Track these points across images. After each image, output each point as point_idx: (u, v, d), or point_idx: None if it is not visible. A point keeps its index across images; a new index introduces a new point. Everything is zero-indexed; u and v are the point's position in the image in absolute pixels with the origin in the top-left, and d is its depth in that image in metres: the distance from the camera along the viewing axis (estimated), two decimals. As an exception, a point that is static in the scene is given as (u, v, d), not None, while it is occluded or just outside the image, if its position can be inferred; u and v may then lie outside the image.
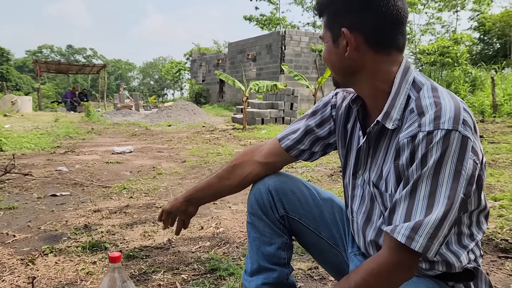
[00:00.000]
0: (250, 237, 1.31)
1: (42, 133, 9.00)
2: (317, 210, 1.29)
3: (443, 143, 0.90)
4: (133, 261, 2.22)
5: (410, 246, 0.89)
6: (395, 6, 0.99)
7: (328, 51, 1.08)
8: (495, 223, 2.74)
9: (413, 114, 0.98)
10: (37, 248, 2.39)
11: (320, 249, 1.33)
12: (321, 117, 1.28)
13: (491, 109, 11.79)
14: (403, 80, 1.03)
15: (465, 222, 1.06)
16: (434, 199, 0.90)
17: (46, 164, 5.38)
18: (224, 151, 6.52)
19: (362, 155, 1.15)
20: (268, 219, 1.27)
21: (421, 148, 0.92)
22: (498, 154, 5.58)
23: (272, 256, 1.27)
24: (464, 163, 0.91)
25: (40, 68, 22.85)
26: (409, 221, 0.91)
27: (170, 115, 14.38)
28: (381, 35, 1.01)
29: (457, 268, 1.04)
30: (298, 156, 1.32)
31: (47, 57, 67.90)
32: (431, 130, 0.91)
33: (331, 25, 1.06)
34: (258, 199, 1.28)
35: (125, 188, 3.99)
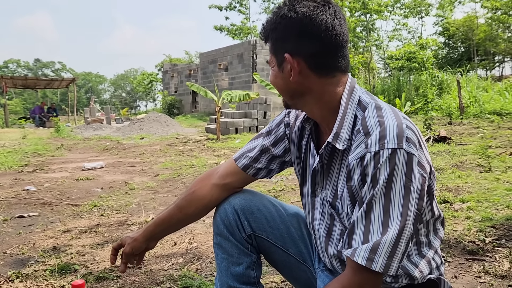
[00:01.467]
0: (217, 258, 1.29)
1: (8, 151, 8.73)
2: (284, 227, 1.29)
3: (390, 162, 0.93)
4: (103, 282, 2.17)
5: (370, 268, 0.91)
6: (333, 31, 1.02)
7: (274, 75, 1.11)
8: (462, 225, 2.81)
9: (360, 134, 1.01)
10: (3, 274, 2.31)
11: (288, 266, 1.32)
12: (275, 136, 1.29)
13: (458, 111, 12.16)
14: (349, 100, 1.06)
15: (422, 231, 1.10)
16: (389, 218, 0.92)
17: (13, 183, 5.21)
18: (197, 163, 6.48)
19: (318, 175, 1.16)
20: (235, 239, 1.26)
21: (370, 169, 0.95)
22: (466, 156, 5.75)
23: (242, 276, 1.26)
24: (412, 179, 0.94)
25: (6, 84, 22.20)
26: (367, 243, 0.93)
27: (143, 127, 14.20)
28: (321, 59, 1.05)
29: (419, 279, 1.06)
30: (255, 175, 1.32)
31: (13, 72, 66.08)
32: (377, 150, 0.95)
33: (275, 51, 1.09)
34: (224, 219, 1.26)
35: (95, 205, 3.90)
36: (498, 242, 2.47)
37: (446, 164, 5.19)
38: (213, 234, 1.31)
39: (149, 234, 1.35)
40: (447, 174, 4.60)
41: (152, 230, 1.35)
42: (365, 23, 24.35)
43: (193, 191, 1.33)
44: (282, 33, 1.05)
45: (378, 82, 19.85)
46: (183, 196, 1.34)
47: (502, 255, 2.30)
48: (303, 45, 1.03)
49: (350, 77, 1.10)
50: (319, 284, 1.23)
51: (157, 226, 1.34)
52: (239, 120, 12.11)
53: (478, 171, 4.67)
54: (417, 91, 15.95)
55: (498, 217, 2.90)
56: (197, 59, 32.45)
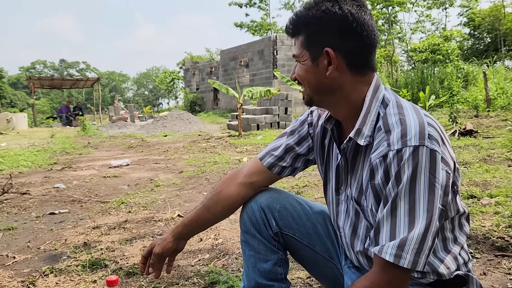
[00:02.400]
0: (245, 255, 1.31)
1: (38, 150, 8.99)
2: (310, 224, 1.31)
3: (413, 159, 0.94)
4: (133, 278, 2.23)
5: (398, 264, 0.92)
6: (372, 31, 1.05)
7: (305, 70, 1.10)
8: (491, 221, 2.76)
9: (381, 131, 1.02)
10: (37, 269, 2.40)
11: (315, 263, 1.34)
12: (298, 135, 1.31)
13: (485, 104, 11.86)
14: (374, 98, 1.07)
15: (447, 227, 1.10)
16: (415, 215, 0.93)
17: (44, 181, 5.38)
18: (220, 159, 6.54)
19: (342, 172, 1.18)
20: (262, 237, 1.28)
21: (393, 167, 0.96)
22: (493, 149, 5.61)
23: (269, 273, 1.28)
24: (436, 175, 0.94)
25: (34, 84, 22.84)
26: (394, 239, 0.94)
27: (166, 125, 14.38)
28: (359, 57, 1.06)
29: (447, 275, 1.07)
30: (281, 173, 1.34)
31: (40, 73, 67.87)
32: (400, 148, 0.96)
33: (310, 44, 1.08)
34: (251, 217, 1.28)
35: (123, 202, 4.00)
36: (528, 238, 2.42)
37: (473, 158, 5.09)
38: (240, 231, 1.34)
39: (178, 234, 1.38)
40: (474, 168, 4.51)
41: (180, 231, 1.37)
42: (387, 15, 23.96)
43: (219, 191, 1.35)
44: (324, 27, 1.05)
45: (401, 76, 19.52)
46: (210, 196, 1.37)
47: (532, 251, 2.26)
48: (344, 42, 1.04)
49: (376, 76, 1.11)
50: (346, 281, 1.24)
51: (186, 226, 1.37)
52: (261, 116, 12.12)
53: (507, 165, 4.56)
54: (441, 83, 15.63)
55: (528, 212, 2.84)
56: (218, 56, 32.60)
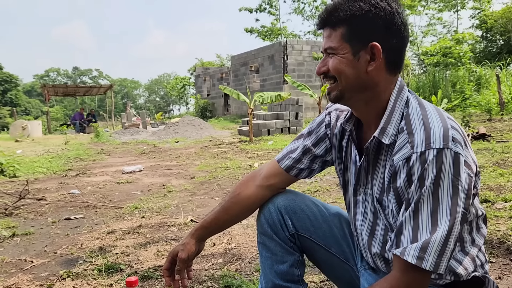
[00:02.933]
0: (262, 257, 1.33)
1: (53, 157, 9.12)
2: (326, 226, 1.32)
3: (437, 162, 0.94)
4: (148, 281, 2.26)
5: (421, 266, 0.92)
6: (409, 32, 1.07)
7: (345, 63, 1.06)
8: (506, 225, 2.74)
9: (403, 133, 1.02)
10: (55, 273, 2.45)
11: (331, 265, 1.35)
12: (316, 136, 1.32)
13: (498, 107, 11.73)
14: (398, 98, 1.08)
15: (465, 229, 1.10)
16: (437, 217, 0.93)
17: (59, 187, 5.46)
18: (232, 165, 6.57)
19: (362, 172, 1.18)
20: (278, 238, 1.29)
21: (416, 169, 0.96)
22: (507, 153, 5.56)
23: (286, 274, 1.29)
24: (460, 178, 0.94)
25: (48, 92, 23.19)
26: (416, 242, 0.93)
27: (177, 131, 14.48)
28: (397, 56, 1.08)
29: (464, 276, 1.07)
30: (298, 175, 1.35)
31: (54, 80, 68.91)
32: (423, 151, 0.95)
33: (353, 38, 1.05)
34: (268, 219, 1.30)
35: (136, 208, 4.04)
36: (544, 242, 2.40)
37: (487, 162, 5.04)
38: (257, 233, 1.35)
39: (199, 236, 1.39)
40: (488, 172, 4.47)
41: (200, 233, 1.39)
42: (398, 19, 23.84)
43: (238, 193, 1.36)
44: (372, 21, 1.03)
45: (412, 79, 19.42)
46: (228, 198, 1.38)
47: (548, 255, 2.24)
48: (390, 38, 1.04)
49: (400, 77, 1.12)
50: (363, 283, 1.25)
51: (205, 228, 1.39)
52: (271, 121, 12.15)
53: (521, 168, 4.52)
54: (454, 87, 15.50)
55: (543, 216, 2.81)
56: (229, 62, 32.76)
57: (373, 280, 1.20)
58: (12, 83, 50.53)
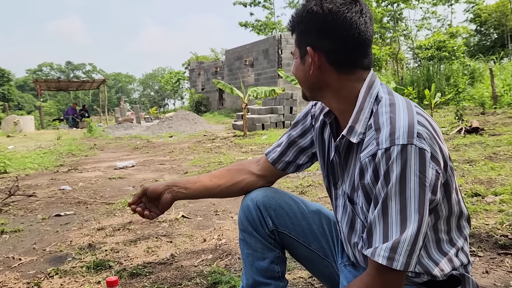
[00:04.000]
0: (243, 254, 1.33)
1: (45, 152, 9.06)
2: (305, 223, 1.32)
3: (401, 158, 0.93)
4: (136, 278, 2.25)
5: (391, 267, 0.92)
6: (356, 30, 1.03)
7: (296, 67, 1.15)
8: (495, 219, 2.75)
9: (371, 130, 1.02)
10: (43, 271, 2.43)
11: (311, 261, 1.35)
12: (302, 127, 1.33)
13: (491, 101, 11.77)
14: (367, 95, 1.07)
15: (442, 228, 1.09)
16: (406, 215, 0.92)
17: (50, 183, 5.42)
18: (225, 160, 6.55)
19: (337, 167, 1.18)
20: (258, 235, 1.29)
21: (382, 166, 0.95)
22: (499, 147, 5.58)
23: (266, 271, 1.29)
24: (426, 175, 0.93)
25: (41, 86, 23.01)
26: (387, 241, 0.93)
27: (171, 125, 14.44)
28: (342, 56, 1.06)
29: (440, 276, 1.06)
30: (285, 169, 1.36)
31: (47, 75, 68.38)
32: (388, 147, 0.94)
33: (299, 43, 1.12)
34: (248, 216, 1.30)
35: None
36: (532, 236, 2.41)
37: (479, 156, 5.06)
38: (239, 230, 1.36)
39: (173, 184, 1.39)
40: (479, 166, 4.48)
41: (177, 182, 1.39)
42: (392, 12, 23.86)
43: (229, 168, 1.40)
44: (307, 26, 1.08)
45: (406, 73, 19.44)
46: (219, 169, 1.41)
47: (536, 249, 2.25)
48: (325, 41, 1.05)
49: (371, 72, 1.10)
50: (342, 280, 1.25)
51: (182, 180, 1.40)
52: (266, 116, 12.13)
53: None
54: (447, 81, 15.53)
55: (532, 210, 2.82)
56: (223, 56, 32.66)
57: (352, 277, 1.20)
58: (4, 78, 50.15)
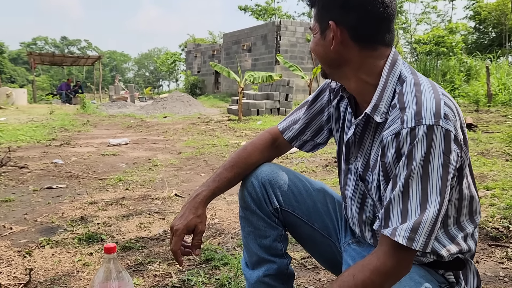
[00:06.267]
0: (244, 231, 1.30)
1: (37, 126, 8.97)
2: (310, 202, 1.29)
3: (427, 139, 0.91)
4: (129, 252, 2.25)
5: (411, 247, 0.91)
6: (381, 4, 1.00)
7: (316, 43, 1.10)
8: (486, 212, 2.78)
9: (396, 109, 0.99)
10: (34, 240, 2.42)
11: (313, 241, 1.33)
12: (321, 103, 1.30)
13: (486, 99, 11.82)
14: (390, 73, 1.04)
15: (451, 213, 1.08)
16: (427, 196, 0.91)
17: (42, 156, 5.38)
18: (219, 142, 6.54)
19: (352, 145, 1.17)
20: (261, 213, 1.26)
21: (406, 145, 0.93)
22: (492, 144, 5.63)
23: (269, 249, 1.26)
24: (450, 157, 0.92)
25: (35, 60, 22.67)
26: (406, 222, 0.91)
27: (166, 106, 14.34)
28: (366, 31, 1.02)
29: (447, 257, 1.06)
30: (301, 147, 1.34)
31: (41, 49, 67.34)
32: (413, 126, 0.93)
33: (320, 17, 1.07)
34: (251, 193, 1.26)
35: (121, 180, 4.00)
36: (522, 230, 2.45)
37: (471, 151, 5.10)
38: (239, 207, 1.32)
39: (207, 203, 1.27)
40: (472, 162, 4.52)
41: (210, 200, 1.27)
42: (393, 5, 23.72)
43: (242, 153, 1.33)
44: (329, 0, 1.04)
45: (404, 67, 19.41)
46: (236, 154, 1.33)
47: (525, 242, 2.28)
48: (348, 15, 1.02)
49: (393, 50, 1.07)
50: (346, 259, 1.24)
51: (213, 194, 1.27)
52: (261, 101, 12.08)
53: (504, 159, 4.58)
54: (444, 77, 15.55)
55: (523, 205, 2.85)
56: (221, 39, 32.38)
57: (357, 256, 1.19)
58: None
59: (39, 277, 1.93)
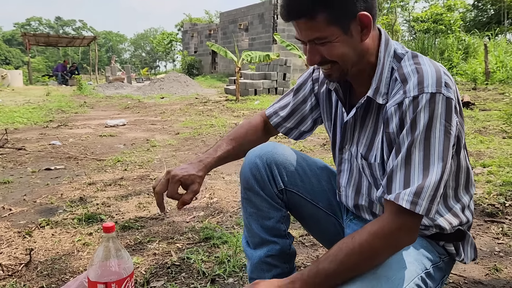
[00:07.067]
0: (246, 212, 1.27)
1: (34, 107, 8.93)
2: (315, 180, 1.28)
3: (430, 106, 0.93)
4: (128, 231, 2.27)
5: (414, 211, 0.91)
6: None
7: (342, 46, 1.00)
8: (482, 189, 2.81)
9: (397, 82, 1.01)
10: (34, 221, 2.43)
11: (317, 219, 1.32)
12: (303, 94, 1.31)
13: (484, 77, 11.78)
14: (386, 53, 1.05)
15: (450, 184, 1.10)
16: (429, 162, 0.93)
17: (39, 138, 5.37)
18: (217, 123, 6.53)
19: (348, 130, 1.16)
20: (265, 194, 1.23)
21: (409, 113, 0.95)
22: (489, 122, 5.64)
23: (272, 230, 1.25)
24: (451, 124, 0.94)
25: (29, 41, 22.37)
26: (409, 187, 0.92)
27: (163, 87, 14.25)
28: (375, 10, 1.02)
29: (448, 229, 1.08)
30: (287, 134, 1.36)
31: (35, 30, 66.40)
32: (416, 95, 0.95)
33: (340, 17, 0.97)
34: (255, 174, 1.22)
35: (119, 160, 4.01)
36: (518, 206, 2.47)
37: (468, 129, 5.11)
38: (241, 188, 1.28)
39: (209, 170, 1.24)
40: (468, 139, 4.53)
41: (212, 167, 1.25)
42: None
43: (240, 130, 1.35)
44: None
45: (402, 45, 19.26)
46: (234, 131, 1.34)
47: (521, 218, 2.31)
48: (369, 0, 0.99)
49: (382, 30, 1.07)
50: (348, 232, 1.24)
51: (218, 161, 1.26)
52: (259, 81, 12.02)
53: (501, 137, 4.60)
54: (442, 55, 15.45)
55: (519, 182, 2.88)
56: (217, 19, 31.97)
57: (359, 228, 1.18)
58: (-9, 31, 48.65)
59: (39, 257, 1.95)
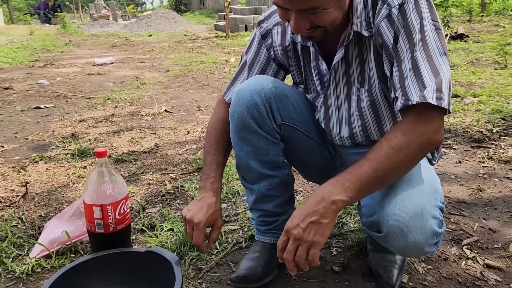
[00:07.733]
0: (242, 151, 1.22)
1: (18, 47, 8.65)
2: (307, 111, 1.27)
3: (417, 10, 0.97)
4: (122, 164, 2.30)
5: (441, 106, 0.92)
6: None
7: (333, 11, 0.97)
8: (471, 117, 2.84)
9: (378, 2, 1.01)
10: (27, 157, 2.44)
11: (309, 150, 1.31)
12: (259, 67, 1.28)
13: (479, 8, 11.50)
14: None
15: None
16: (434, 61, 0.95)
17: (26, 77, 5.25)
18: (207, 59, 6.40)
19: (333, 73, 1.15)
20: (263, 131, 1.19)
21: (399, 22, 0.98)
22: (482, 53, 5.58)
23: (271, 163, 1.24)
24: (438, 21, 0.98)
25: (6, -23, 21.23)
26: (427, 86, 0.93)
27: (150, 24, 13.79)
28: None
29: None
30: None
31: (12, -35, 62.70)
32: (401, 2, 0.98)
33: None
34: (253, 112, 1.17)
35: (109, 98, 3.97)
36: (506, 132, 2.52)
37: (461, 61, 5.07)
38: (233, 128, 1.20)
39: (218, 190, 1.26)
40: (461, 70, 4.51)
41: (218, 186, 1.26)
42: None
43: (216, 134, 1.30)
44: None
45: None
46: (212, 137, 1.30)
47: (508, 143, 2.36)
48: None
49: None
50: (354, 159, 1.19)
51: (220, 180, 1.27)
52: (249, 16, 11.65)
53: (493, 68, 4.57)
54: (438, -14, 14.96)
55: (508, 110, 2.91)
56: (204, -50, 30.26)
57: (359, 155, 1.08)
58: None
59: (35, 189, 1.99)
